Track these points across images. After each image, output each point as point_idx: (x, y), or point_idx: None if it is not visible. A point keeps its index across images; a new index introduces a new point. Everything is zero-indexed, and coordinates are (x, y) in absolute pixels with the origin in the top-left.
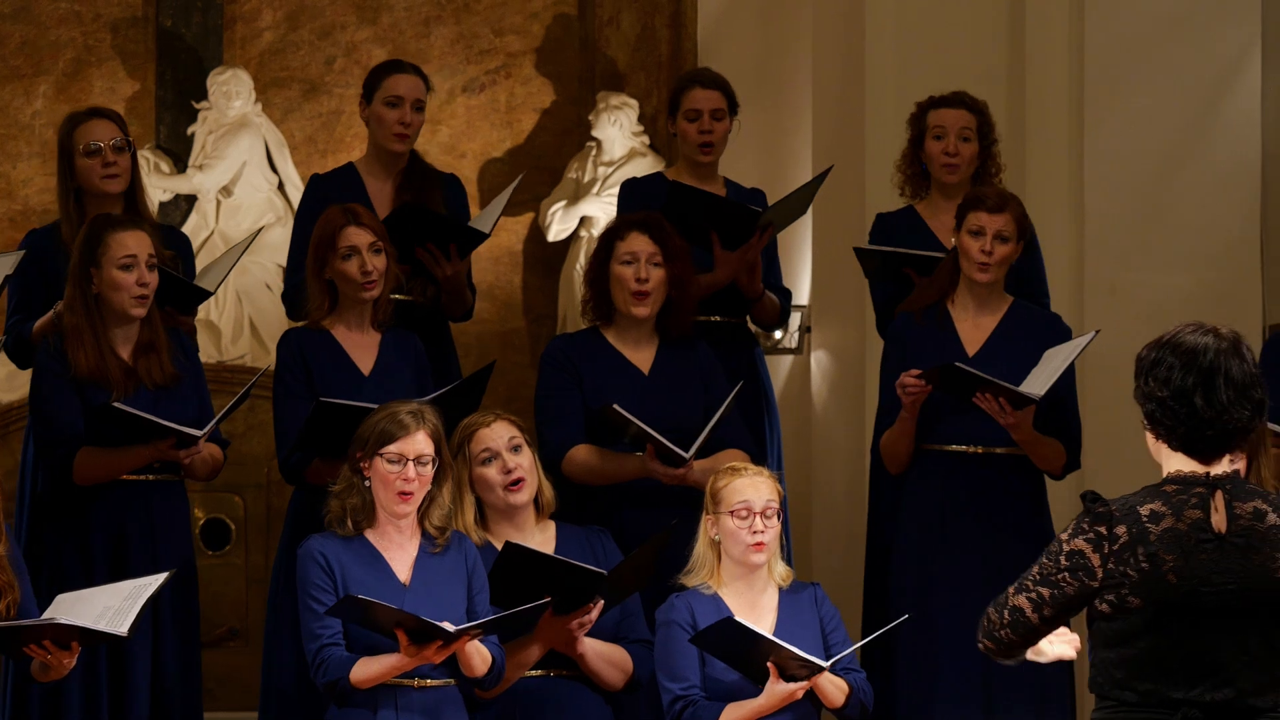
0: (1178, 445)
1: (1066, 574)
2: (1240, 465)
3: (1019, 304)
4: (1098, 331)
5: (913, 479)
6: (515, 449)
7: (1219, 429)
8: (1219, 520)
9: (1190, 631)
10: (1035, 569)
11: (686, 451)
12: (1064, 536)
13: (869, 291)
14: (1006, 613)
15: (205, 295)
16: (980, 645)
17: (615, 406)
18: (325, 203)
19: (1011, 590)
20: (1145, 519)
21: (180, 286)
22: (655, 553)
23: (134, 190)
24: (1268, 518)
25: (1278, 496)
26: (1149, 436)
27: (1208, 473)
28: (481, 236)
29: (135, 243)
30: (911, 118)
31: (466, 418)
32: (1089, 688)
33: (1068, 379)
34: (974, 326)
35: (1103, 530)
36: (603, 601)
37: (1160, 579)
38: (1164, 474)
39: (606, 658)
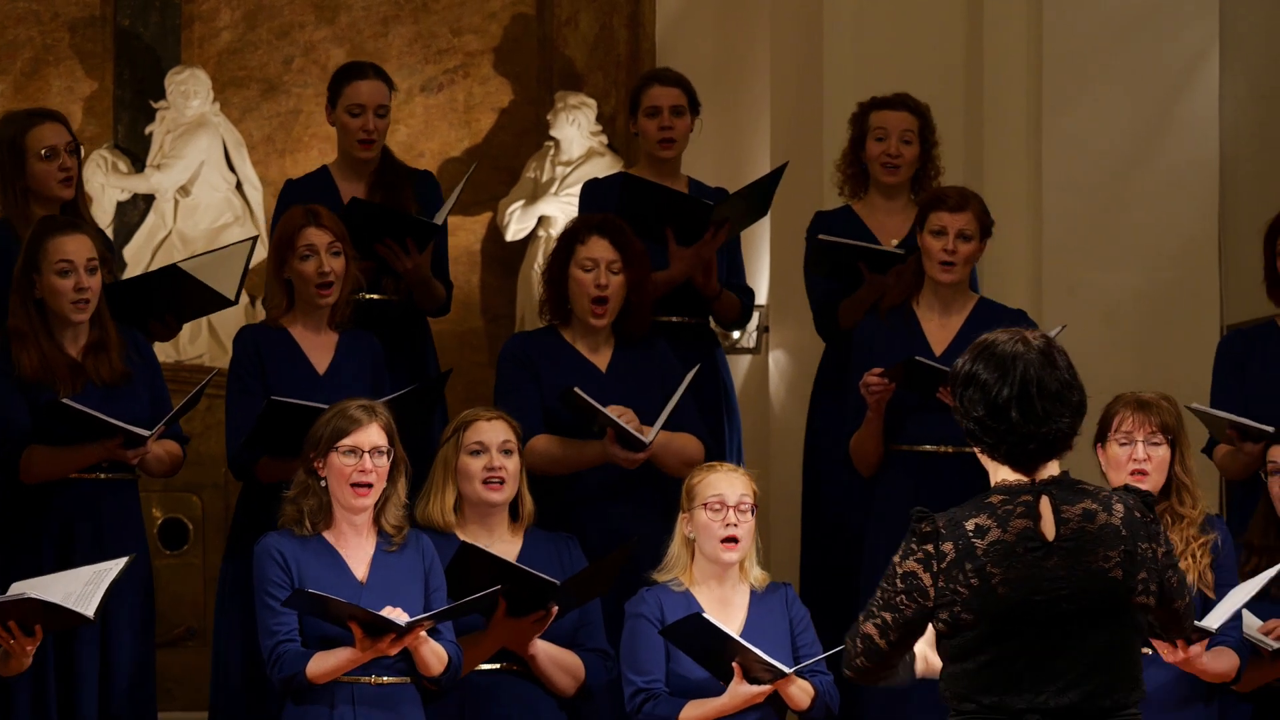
0: (1002, 459)
1: (903, 596)
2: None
3: (985, 302)
4: (1064, 326)
5: (884, 480)
6: (506, 452)
7: (1039, 441)
8: (1047, 527)
9: (1029, 641)
10: (878, 593)
11: (649, 434)
12: (896, 559)
13: (805, 290)
14: (859, 641)
15: (226, 303)
16: (845, 674)
17: (576, 390)
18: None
19: (861, 618)
20: (971, 534)
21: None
22: (617, 566)
23: (77, 194)
24: (1098, 517)
25: (1108, 494)
26: (975, 449)
27: (1033, 479)
28: (432, 228)
29: (74, 248)
30: (853, 118)
31: (418, 420)
32: (940, 700)
33: None
34: (940, 326)
35: (930, 549)
36: (557, 608)
37: (990, 593)
38: (993, 483)
39: (558, 662)
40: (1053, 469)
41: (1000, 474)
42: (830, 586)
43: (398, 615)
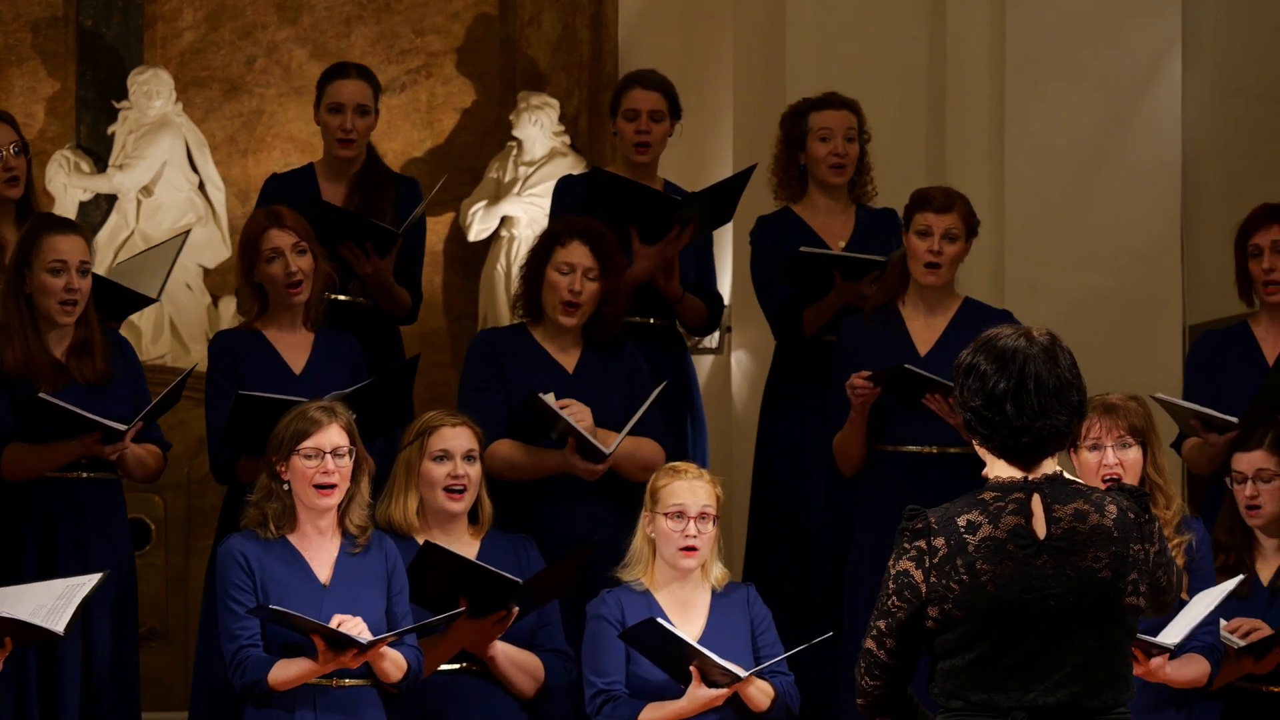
0: (997, 452)
1: (894, 599)
2: (1054, 466)
3: (970, 302)
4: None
5: (868, 481)
6: (469, 459)
7: (1034, 435)
8: (1038, 525)
9: (1017, 638)
10: (875, 609)
11: (609, 445)
12: (890, 562)
13: (756, 295)
14: (861, 661)
15: (148, 302)
16: (861, 710)
17: (540, 395)
18: (279, 202)
19: (864, 639)
20: (963, 529)
21: (117, 292)
22: (576, 567)
23: (29, 194)
24: (1089, 518)
25: (1100, 495)
26: (973, 441)
27: (1026, 477)
28: (391, 235)
29: (68, 247)
30: (786, 119)
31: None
32: (930, 696)
33: None
34: (925, 326)
35: (922, 545)
36: (518, 609)
37: (980, 589)
38: (989, 477)
39: (518, 663)
40: (1048, 467)
41: (996, 468)
42: (778, 588)
43: (359, 631)
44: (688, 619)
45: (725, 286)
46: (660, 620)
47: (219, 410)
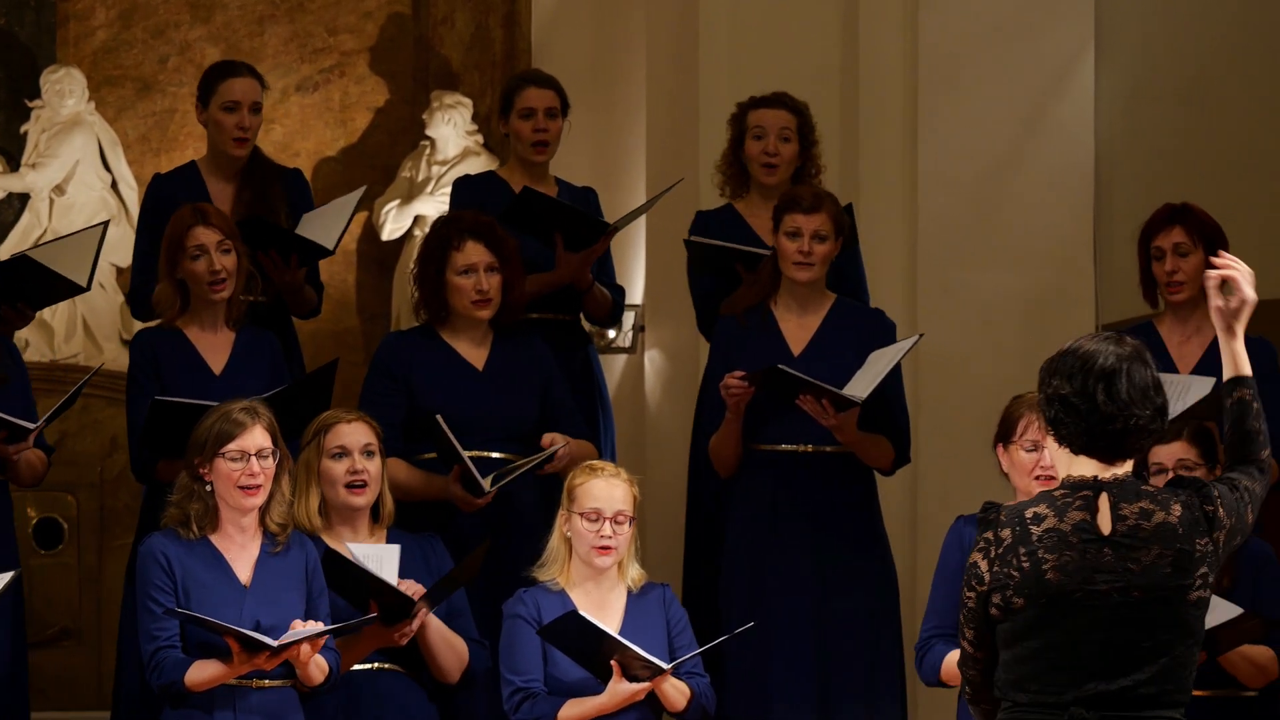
0: (1080, 445)
1: (967, 589)
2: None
3: (842, 301)
4: (922, 335)
5: (743, 480)
6: (368, 454)
7: (1121, 424)
8: (1103, 521)
9: (1076, 629)
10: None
11: (489, 484)
12: (970, 557)
13: (689, 288)
14: (961, 655)
15: (78, 290)
16: (966, 699)
17: (439, 418)
18: (167, 202)
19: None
20: (1029, 520)
21: (48, 277)
22: (476, 564)
23: None
24: (1154, 516)
25: (1166, 495)
26: (1052, 446)
27: (1096, 477)
28: (325, 252)
29: None
30: (732, 117)
31: (327, 410)
32: (996, 690)
33: (893, 372)
34: (798, 326)
35: (990, 536)
36: (425, 609)
37: (1040, 577)
38: (1060, 478)
39: (448, 640)
40: (1122, 469)
41: (1074, 466)
42: (713, 588)
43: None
44: (604, 618)
45: (639, 286)
46: (582, 613)
47: (141, 410)
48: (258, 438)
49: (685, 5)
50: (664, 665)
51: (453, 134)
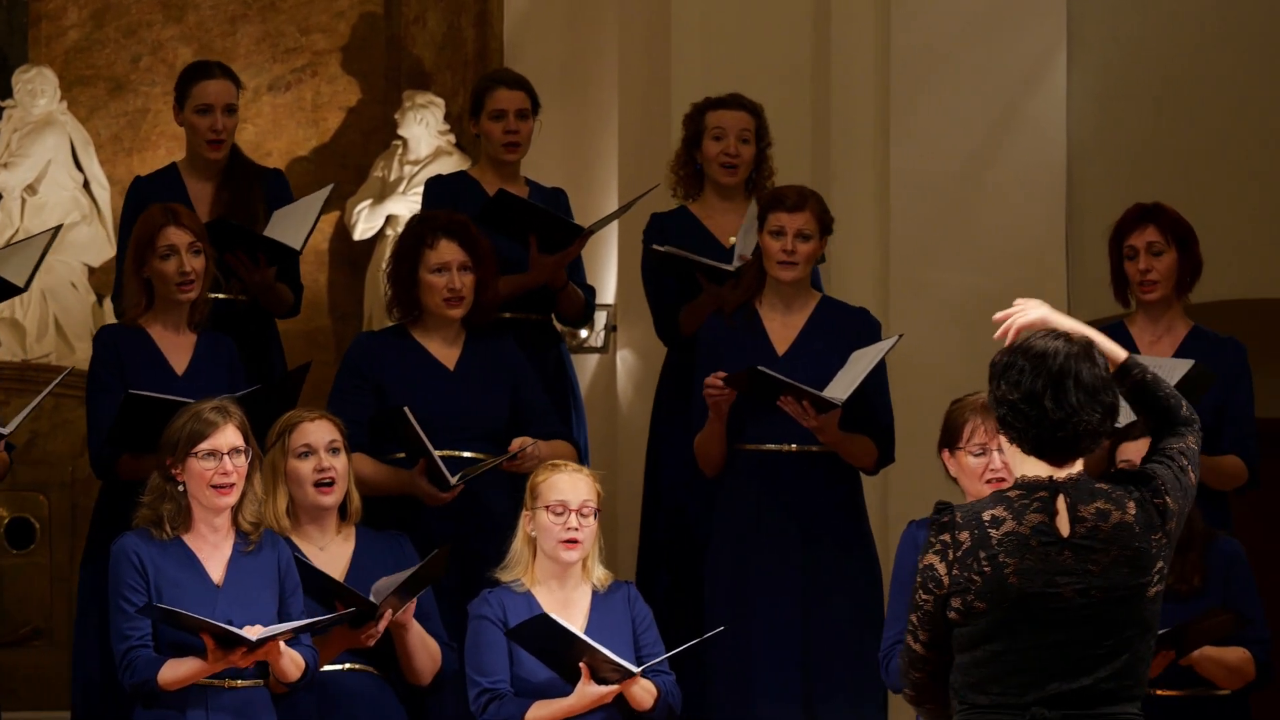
0: (1030, 448)
1: (921, 592)
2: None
3: (827, 300)
4: (901, 335)
5: (727, 479)
6: (333, 451)
7: (1070, 430)
8: (1062, 523)
9: (1037, 632)
10: (909, 604)
11: (454, 478)
12: (920, 558)
13: (644, 292)
14: (904, 655)
15: (15, 291)
16: (909, 700)
17: (405, 410)
18: (147, 204)
19: (904, 638)
20: (987, 524)
21: None
22: (440, 566)
23: None
24: (1112, 516)
25: (1120, 493)
26: (1003, 441)
27: (1051, 477)
28: (291, 253)
29: None
30: (687, 118)
31: (291, 410)
32: (950, 692)
33: (877, 372)
34: (783, 325)
35: (947, 539)
36: (390, 611)
37: (1002, 581)
38: (1014, 477)
39: (425, 641)
40: (1075, 468)
41: (1025, 466)
42: (671, 588)
43: (250, 629)
44: (569, 618)
45: (610, 286)
46: (552, 616)
47: (102, 405)
48: (230, 437)
49: (657, 5)
50: (633, 669)
51: (425, 134)
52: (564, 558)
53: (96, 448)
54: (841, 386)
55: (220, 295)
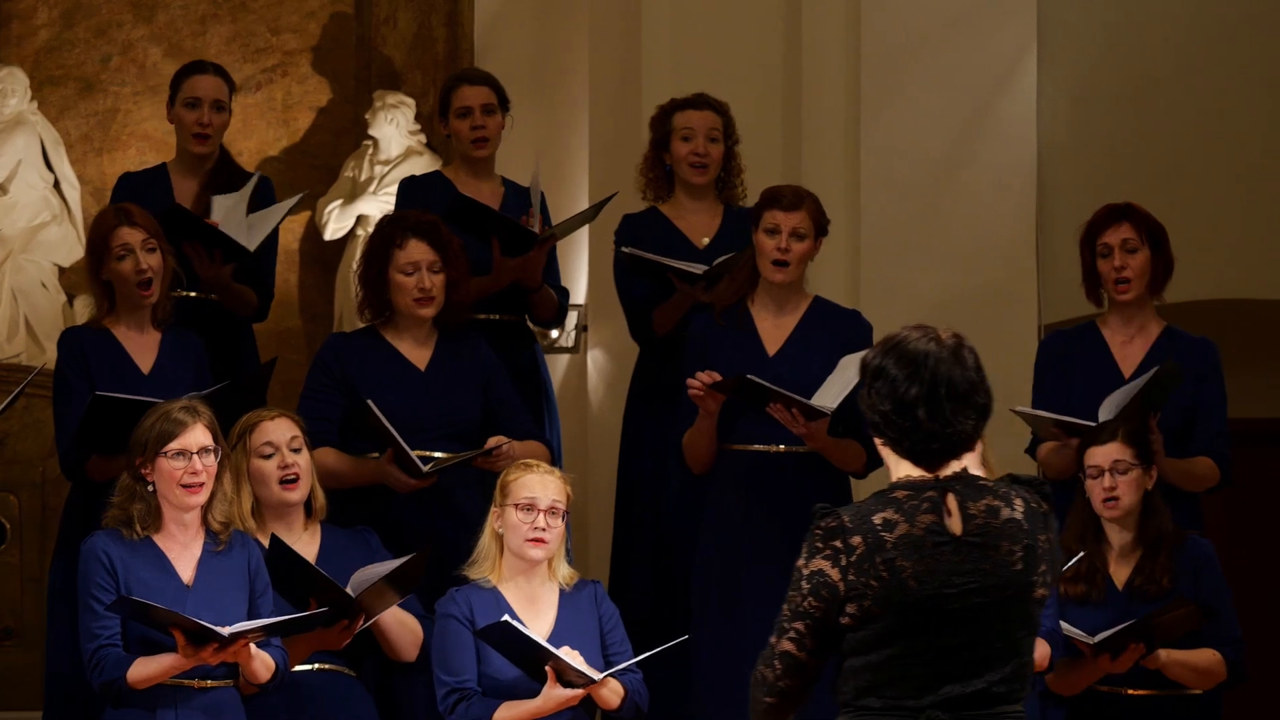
0: (904, 454)
1: (811, 598)
2: (968, 462)
3: (820, 302)
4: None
5: (715, 479)
6: (295, 449)
7: (944, 440)
8: (954, 523)
9: (934, 634)
10: (785, 608)
11: (427, 468)
12: (801, 562)
13: (617, 293)
14: (777, 662)
15: (244, 254)
16: (758, 713)
17: (370, 403)
18: (135, 202)
19: (773, 639)
20: (879, 527)
21: None
22: (418, 571)
23: None
24: (1001, 513)
25: (1007, 489)
26: (876, 441)
27: (936, 476)
28: (243, 252)
29: None
30: (654, 121)
31: (250, 411)
32: (834, 697)
33: None
34: (774, 326)
35: (838, 544)
36: (364, 614)
37: (901, 586)
38: (893, 478)
39: (401, 619)
40: (955, 465)
41: (902, 469)
42: (647, 585)
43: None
44: (536, 614)
45: (582, 286)
46: (514, 622)
47: (69, 406)
48: (199, 436)
49: (628, 5)
50: (596, 676)
51: (395, 134)
52: (530, 555)
53: (65, 450)
54: (830, 394)
55: (193, 294)
